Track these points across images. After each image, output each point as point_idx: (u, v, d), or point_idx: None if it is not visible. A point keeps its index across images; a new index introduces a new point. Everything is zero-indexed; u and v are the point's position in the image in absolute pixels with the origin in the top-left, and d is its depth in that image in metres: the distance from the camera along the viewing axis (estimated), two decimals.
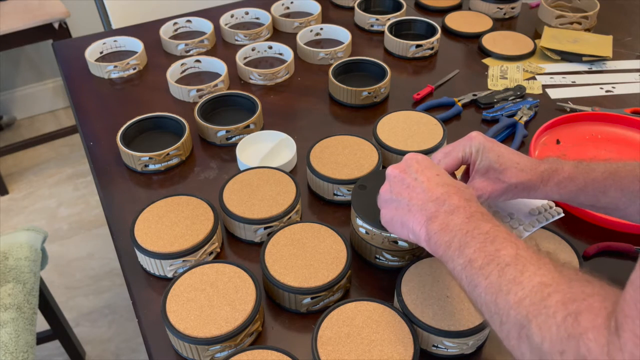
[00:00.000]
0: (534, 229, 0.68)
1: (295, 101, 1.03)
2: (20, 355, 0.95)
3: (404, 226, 0.57)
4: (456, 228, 0.51)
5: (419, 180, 0.57)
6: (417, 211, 0.55)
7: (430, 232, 0.53)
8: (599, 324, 0.38)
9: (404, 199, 0.57)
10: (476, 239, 0.50)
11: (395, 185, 0.59)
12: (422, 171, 0.58)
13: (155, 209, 0.74)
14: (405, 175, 0.58)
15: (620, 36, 1.19)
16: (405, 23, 1.19)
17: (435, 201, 0.54)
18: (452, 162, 0.65)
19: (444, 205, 0.53)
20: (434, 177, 0.57)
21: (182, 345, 0.60)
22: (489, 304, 0.46)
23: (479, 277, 0.47)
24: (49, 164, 2.14)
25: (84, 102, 1.04)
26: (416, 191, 0.56)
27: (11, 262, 1.09)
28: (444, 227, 0.52)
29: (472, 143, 0.64)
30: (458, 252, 0.50)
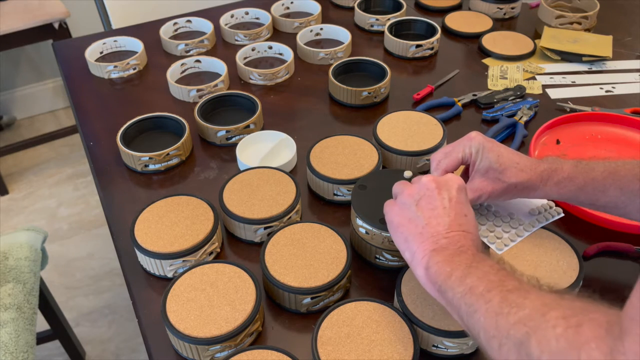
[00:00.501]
0: (534, 229, 0.68)
1: (295, 101, 1.03)
2: (20, 355, 0.95)
3: (407, 242, 0.56)
4: (461, 261, 0.51)
5: (447, 210, 0.56)
6: (428, 238, 0.55)
7: (431, 261, 0.53)
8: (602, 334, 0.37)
9: (422, 219, 0.56)
10: (479, 270, 0.49)
11: (423, 199, 0.57)
12: (456, 203, 0.57)
13: (155, 209, 0.74)
14: (439, 196, 0.57)
15: (620, 36, 1.19)
16: (405, 23, 1.19)
17: (449, 239, 0.54)
18: (452, 163, 0.65)
19: (455, 245, 0.53)
20: (461, 217, 0.56)
21: (182, 345, 0.60)
22: (487, 328, 0.45)
23: (480, 301, 0.47)
24: (49, 164, 2.14)
25: (84, 102, 1.04)
26: (437, 220, 0.55)
27: (11, 262, 1.09)
28: (448, 259, 0.52)
29: (472, 143, 0.64)
30: (459, 281, 0.49)
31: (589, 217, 0.77)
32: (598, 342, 0.37)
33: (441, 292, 0.51)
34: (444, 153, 0.65)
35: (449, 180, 0.59)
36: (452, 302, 0.50)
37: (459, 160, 0.65)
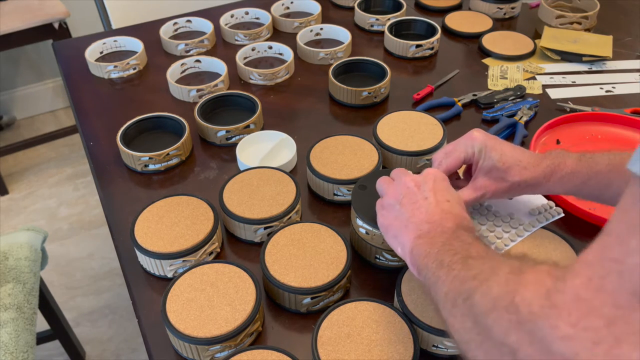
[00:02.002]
0: (534, 229, 0.68)
1: (295, 101, 1.03)
2: (20, 355, 0.95)
3: (396, 239, 0.58)
4: (439, 241, 0.52)
5: (429, 200, 0.57)
6: (412, 228, 0.56)
7: (414, 244, 0.54)
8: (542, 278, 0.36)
9: (406, 213, 0.57)
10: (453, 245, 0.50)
11: (405, 197, 0.59)
12: (435, 192, 0.58)
13: (155, 209, 0.74)
14: (419, 191, 0.58)
15: (620, 36, 1.19)
16: (405, 23, 1.19)
17: (432, 223, 0.55)
18: (454, 163, 0.64)
19: (438, 227, 0.54)
20: (443, 202, 0.57)
21: (182, 345, 0.60)
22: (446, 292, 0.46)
23: (443, 271, 0.47)
24: (49, 164, 2.14)
25: (84, 102, 1.04)
26: (420, 210, 0.57)
27: (11, 262, 1.09)
28: (428, 241, 0.53)
29: (475, 143, 0.64)
30: (433, 258, 0.50)
31: (589, 217, 0.77)
32: (536, 284, 0.36)
33: (419, 272, 0.52)
34: (445, 153, 0.65)
35: (426, 175, 0.60)
36: (426, 279, 0.51)
37: (460, 160, 0.65)
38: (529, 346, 0.34)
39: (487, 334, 0.38)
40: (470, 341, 0.41)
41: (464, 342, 0.42)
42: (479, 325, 0.39)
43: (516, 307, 0.36)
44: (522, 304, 0.35)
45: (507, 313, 0.36)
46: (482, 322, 0.39)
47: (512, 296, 0.37)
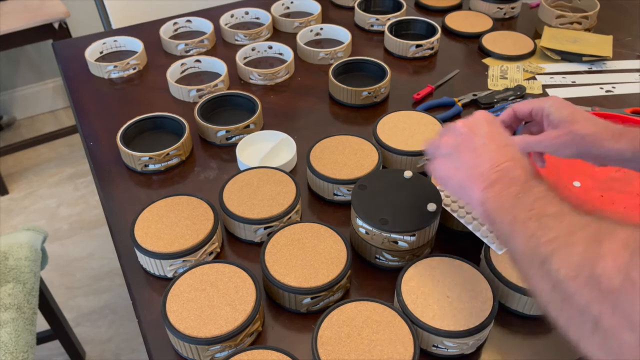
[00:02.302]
0: None
1: (295, 101, 1.03)
2: (20, 355, 0.95)
3: (462, 189, 0.56)
4: (510, 193, 0.51)
5: (487, 146, 0.55)
6: (478, 177, 0.54)
7: (485, 197, 0.53)
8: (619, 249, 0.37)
9: (467, 162, 0.56)
10: (525, 199, 0.49)
11: (461, 143, 0.57)
12: (492, 137, 0.56)
13: (155, 209, 0.74)
14: (475, 136, 0.57)
15: (620, 36, 1.19)
16: (405, 23, 1.19)
17: (499, 171, 0.53)
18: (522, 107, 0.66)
19: (506, 176, 0.53)
20: (503, 147, 0.55)
21: (182, 345, 0.60)
22: (522, 252, 0.46)
23: (520, 228, 0.47)
24: (49, 164, 2.14)
25: (84, 102, 1.04)
26: (482, 158, 0.55)
27: (11, 262, 1.09)
28: (498, 194, 0.52)
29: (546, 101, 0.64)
30: (507, 212, 0.50)
31: None
32: (615, 255, 0.37)
33: (494, 225, 0.52)
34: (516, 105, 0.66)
35: (477, 119, 0.59)
36: (500, 235, 0.51)
37: (529, 110, 0.65)
38: (611, 317, 0.36)
39: (567, 300, 0.40)
40: (550, 302, 0.42)
41: (543, 302, 0.43)
42: (559, 291, 0.41)
43: (597, 280, 0.37)
44: (603, 278, 0.37)
45: (589, 284, 0.38)
46: (562, 288, 0.40)
47: (591, 268, 0.38)
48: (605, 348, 0.37)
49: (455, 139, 0.58)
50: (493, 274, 0.65)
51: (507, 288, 0.64)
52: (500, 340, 0.64)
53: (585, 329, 0.38)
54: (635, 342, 0.35)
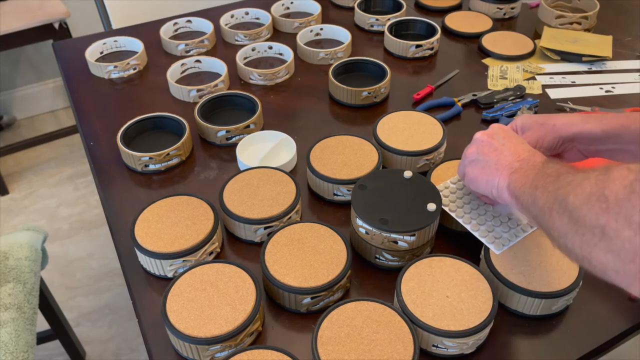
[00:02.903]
0: (532, 229, 0.69)
1: (295, 101, 1.03)
2: (20, 355, 0.95)
3: (489, 183, 0.63)
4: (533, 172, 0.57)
5: (507, 145, 0.63)
6: (504, 168, 0.61)
7: (510, 180, 0.59)
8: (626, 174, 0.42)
9: (492, 159, 0.63)
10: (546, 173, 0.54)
11: (483, 148, 0.65)
12: (509, 138, 0.64)
13: (155, 209, 0.74)
14: (493, 140, 0.65)
15: (620, 36, 1.19)
16: (405, 23, 1.20)
17: (522, 160, 0.60)
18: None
19: (528, 162, 0.60)
20: (520, 144, 0.63)
21: (182, 345, 0.60)
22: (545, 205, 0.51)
23: (543, 193, 0.52)
24: (49, 164, 2.14)
25: (84, 102, 1.04)
26: (504, 153, 0.63)
27: (11, 262, 1.09)
28: (523, 175, 0.58)
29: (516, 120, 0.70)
30: (529, 184, 0.55)
31: None
32: (621, 179, 0.42)
33: (517, 199, 0.58)
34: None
35: (493, 128, 0.67)
36: (524, 207, 0.56)
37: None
38: (615, 222, 0.42)
39: (580, 222, 0.45)
40: (567, 233, 0.48)
41: (561, 236, 0.49)
42: (574, 218, 0.46)
43: (606, 197, 0.43)
44: (610, 194, 0.43)
45: (598, 202, 0.44)
46: (576, 214, 0.46)
47: (602, 190, 0.44)
48: (610, 250, 0.43)
49: (477, 147, 0.66)
50: (493, 274, 0.65)
51: (507, 288, 0.64)
52: (500, 340, 0.64)
53: (594, 241, 0.44)
54: (633, 236, 0.41)
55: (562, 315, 0.66)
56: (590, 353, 0.63)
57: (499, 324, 0.65)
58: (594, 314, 0.66)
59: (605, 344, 0.64)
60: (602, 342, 0.64)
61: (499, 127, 0.67)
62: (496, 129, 0.67)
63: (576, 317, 0.66)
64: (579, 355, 0.63)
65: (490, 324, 0.61)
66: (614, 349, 0.65)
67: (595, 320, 0.66)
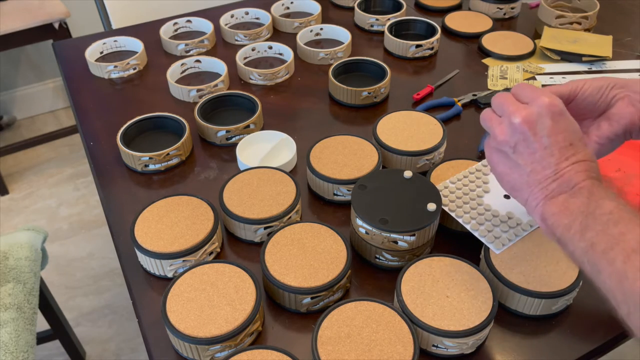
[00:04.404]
0: (532, 229, 0.69)
1: (295, 101, 1.03)
2: (20, 355, 0.95)
3: (517, 192, 0.53)
4: (577, 210, 0.47)
5: (549, 150, 0.50)
6: (536, 186, 0.50)
7: (546, 213, 0.49)
8: None
9: (526, 166, 0.51)
10: (598, 220, 0.45)
11: (520, 144, 0.51)
12: (556, 136, 0.50)
13: (155, 209, 0.74)
14: (536, 137, 0.50)
15: (620, 36, 1.19)
16: (405, 23, 1.20)
17: (559, 180, 0.49)
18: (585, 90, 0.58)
19: (567, 186, 0.49)
20: (567, 149, 0.50)
21: (182, 345, 0.60)
22: (614, 292, 0.43)
23: (602, 262, 0.44)
24: (49, 164, 2.14)
25: (84, 102, 1.04)
26: (541, 163, 0.50)
27: (11, 262, 1.09)
28: (563, 209, 0.48)
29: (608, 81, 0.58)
30: (579, 235, 0.46)
31: None
32: None
33: (561, 244, 0.49)
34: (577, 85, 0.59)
35: (540, 111, 0.51)
36: (574, 256, 0.48)
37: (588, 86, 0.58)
38: None
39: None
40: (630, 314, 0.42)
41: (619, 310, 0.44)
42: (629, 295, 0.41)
43: None
44: None
45: None
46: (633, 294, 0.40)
47: None
48: None
49: (512, 136, 0.52)
50: (493, 273, 0.65)
51: (507, 288, 0.64)
52: (500, 340, 0.64)
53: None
54: None
55: (562, 315, 0.66)
56: (590, 353, 0.63)
57: (499, 324, 0.65)
58: (594, 314, 0.66)
59: (605, 344, 0.64)
60: (602, 342, 0.64)
61: (548, 112, 0.50)
62: (542, 116, 0.50)
63: (576, 317, 0.66)
64: (579, 355, 0.63)
65: (490, 324, 0.61)
66: (614, 349, 0.65)
67: (595, 320, 0.66)
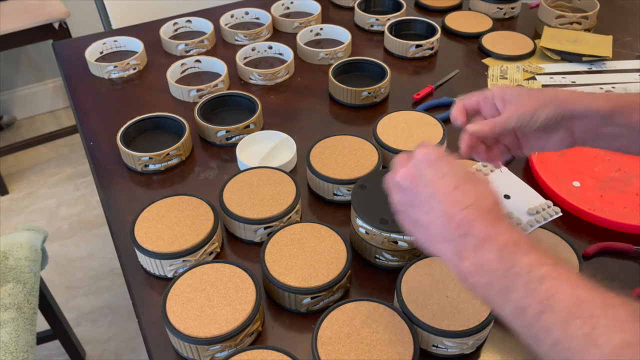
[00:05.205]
0: (532, 229, 0.68)
1: (295, 101, 1.03)
2: (20, 355, 0.95)
3: (429, 250, 0.49)
4: (491, 268, 0.42)
5: (435, 198, 0.46)
6: (441, 242, 0.46)
7: (463, 272, 0.45)
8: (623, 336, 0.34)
9: (422, 221, 0.48)
10: (518, 281, 0.41)
11: (408, 199, 0.49)
12: (438, 183, 0.47)
13: (155, 209, 0.74)
14: (419, 188, 0.48)
15: (620, 36, 1.19)
16: (405, 23, 1.20)
17: (457, 230, 0.45)
18: (471, 101, 0.60)
19: (467, 237, 0.44)
20: (452, 193, 0.46)
21: (182, 345, 0.60)
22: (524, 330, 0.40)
23: (539, 331, 0.39)
24: (49, 164, 2.14)
25: (84, 102, 1.04)
26: (433, 214, 0.46)
27: (11, 262, 1.09)
28: (477, 267, 0.44)
29: (498, 89, 0.58)
30: (503, 296, 0.42)
31: (589, 217, 0.77)
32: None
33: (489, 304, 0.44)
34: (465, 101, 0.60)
35: (418, 162, 0.49)
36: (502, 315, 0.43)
37: (476, 101, 0.59)
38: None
39: None
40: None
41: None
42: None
43: None
44: None
45: None
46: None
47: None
48: None
49: (401, 195, 0.50)
50: None
51: None
52: (500, 340, 0.64)
53: None
54: None
55: None
56: None
57: (499, 324, 0.65)
58: None
59: None
60: None
61: (425, 162, 0.48)
62: (422, 166, 0.48)
63: None
64: None
65: (490, 324, 0.61)
66: None
67: None
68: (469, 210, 0.45)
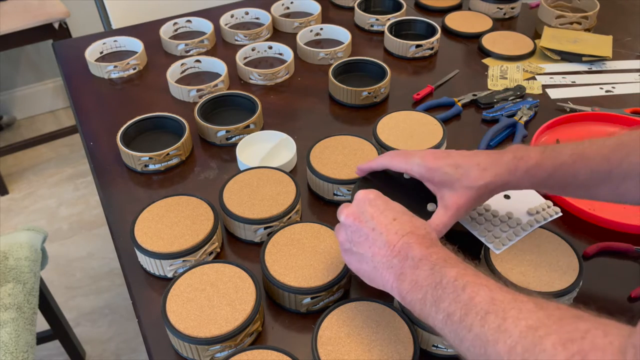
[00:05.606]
0: (531, 229, 0.69)
1: (295, 101, 1.03)
2: (20, 355, 0.95)
3: (374, 282, 0.55)
4: (425, 283, 0.48)
5: (377, 230, 0.53)
6: (384, 269, 0.52)
7: (402, 292, 0.50)
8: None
9: (366, 253, 0.54)
10: (447, 290, 0.46)
11: (353, 236, 0.56)
12: (379, 217, 0.54)
13: (155, 209, 0.74)
14: (362, 224, 0.55)
15: (620, 36, 1.19)
16: (405, 23, 1.20)
17: (398, 255, 0.51)
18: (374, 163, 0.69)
19: (407, 260, 0.51)
20: (391, 224, 0.53)
21: (182, 345, 0.60)
22: (479, 357, 0.43)
23: (462, 330, 0.44)
24: (49, 164, 2.14)
25: (84, 102, 1.04)
26: (377, 245, 0.53)
27: (11, 262, 1.09)
28: (413, 284, 0.49)
29: (409, 163, 0.64)
30: (434, 307, 0.47)
31: (589, 217, 0.77)
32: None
33: (424, 319, 0.49)
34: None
35: (359, 202, 0.57)
36: (437, 329, 0.48)
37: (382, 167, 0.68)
38: None
39: None
40: None
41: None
42: None
43: None
44: None
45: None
46: None
47: None
48: None
49: (346, 233, 0.57)
50: (493, 273, 0.65)
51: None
52: None
53: None
54: None
55: None
56: None
57: None
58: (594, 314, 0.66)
59: None
60: None
61: (366, 202, 0.56)
62: (363, 205, 0.56)
63: None
64: None
65: None
66: None
67: None
68: (407, 237, 0.52)
